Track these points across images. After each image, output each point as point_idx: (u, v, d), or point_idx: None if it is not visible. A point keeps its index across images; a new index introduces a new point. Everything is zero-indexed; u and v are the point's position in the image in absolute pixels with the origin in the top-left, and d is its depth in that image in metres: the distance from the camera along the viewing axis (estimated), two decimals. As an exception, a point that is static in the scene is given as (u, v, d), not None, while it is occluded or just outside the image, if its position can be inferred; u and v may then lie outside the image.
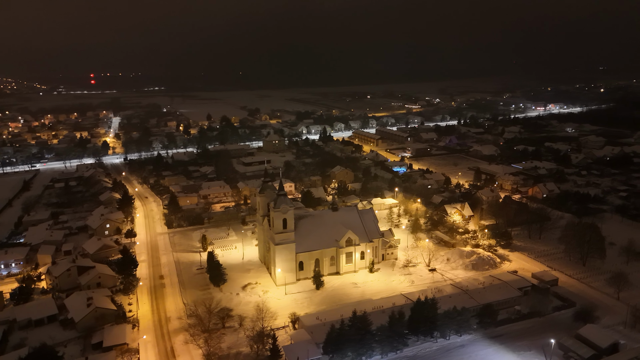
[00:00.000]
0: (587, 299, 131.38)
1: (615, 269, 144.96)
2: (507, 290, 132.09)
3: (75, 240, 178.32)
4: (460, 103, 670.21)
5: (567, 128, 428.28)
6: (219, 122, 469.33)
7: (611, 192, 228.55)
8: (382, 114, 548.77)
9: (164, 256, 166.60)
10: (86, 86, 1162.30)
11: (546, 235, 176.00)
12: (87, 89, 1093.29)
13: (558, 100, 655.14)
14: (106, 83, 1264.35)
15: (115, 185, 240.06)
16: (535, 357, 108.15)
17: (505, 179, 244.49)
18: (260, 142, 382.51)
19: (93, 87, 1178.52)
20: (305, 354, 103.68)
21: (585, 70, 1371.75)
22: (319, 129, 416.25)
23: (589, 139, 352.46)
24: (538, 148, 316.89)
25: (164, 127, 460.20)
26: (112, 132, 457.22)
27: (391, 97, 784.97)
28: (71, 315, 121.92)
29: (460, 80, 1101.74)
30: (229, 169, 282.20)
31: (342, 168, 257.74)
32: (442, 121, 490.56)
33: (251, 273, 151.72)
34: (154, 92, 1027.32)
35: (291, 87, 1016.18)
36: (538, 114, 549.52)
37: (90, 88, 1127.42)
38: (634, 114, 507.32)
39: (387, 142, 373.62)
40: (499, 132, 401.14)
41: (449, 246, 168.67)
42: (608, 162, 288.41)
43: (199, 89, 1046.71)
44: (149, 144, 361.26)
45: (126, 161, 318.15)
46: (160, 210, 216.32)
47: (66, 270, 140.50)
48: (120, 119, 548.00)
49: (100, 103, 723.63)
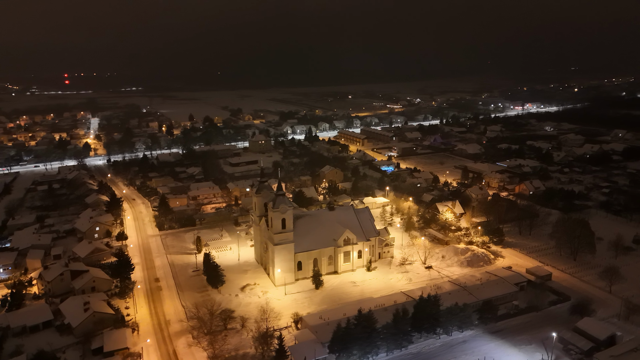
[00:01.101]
0: (581, 293, 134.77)
1: (605, 263, 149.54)
2: (504, 286, 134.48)
3: (64, 244, 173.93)
4: (441, 103, 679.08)
5: (546, 127, 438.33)
6: (202, 123, 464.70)
7: (594, 189, 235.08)
8: (365, 113, 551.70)
9: (157, 259, 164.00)
10: (60, 86, 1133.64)
11: (536, 231, 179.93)
12: (61, 89, 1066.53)
13: (535, 100, 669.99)
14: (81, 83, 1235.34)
15: (101, 187, 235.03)
16: (536, 351, 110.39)
17: (492, 177, 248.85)
18: (245, 142, 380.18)
19: (67, 87, 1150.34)
20: (312, 354, 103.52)
21: (557, 70, 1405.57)
22: (304, 129, 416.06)
23: (568, 137, 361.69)
24: (521, 146, 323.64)
25: (146, 128, 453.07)
26: (92, 133, 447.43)
27: (372, 97, 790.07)
28: (68, 321, 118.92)
29: (439, 80, 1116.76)
30: (217, 170, 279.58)
31: (331, 168, 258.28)
32: (424, 121, 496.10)
33: (249, 274, 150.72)
34: (131, 92, 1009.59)
35: (271, 87, 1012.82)
36: (517, 113, 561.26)
37: (65, 88, 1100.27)
38: (608, 112, 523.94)
39: (373, 141, 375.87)
40: (481, 131, 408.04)
41: (442, 244, 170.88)
42: (588, 160, 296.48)
43: (177, 89, 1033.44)
44: (131, 145, 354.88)
45: (109, 163, 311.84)
46: (149, 212, 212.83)
47: (59, 275, 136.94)
48: (99, 120, 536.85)
49: (76, 104, 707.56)
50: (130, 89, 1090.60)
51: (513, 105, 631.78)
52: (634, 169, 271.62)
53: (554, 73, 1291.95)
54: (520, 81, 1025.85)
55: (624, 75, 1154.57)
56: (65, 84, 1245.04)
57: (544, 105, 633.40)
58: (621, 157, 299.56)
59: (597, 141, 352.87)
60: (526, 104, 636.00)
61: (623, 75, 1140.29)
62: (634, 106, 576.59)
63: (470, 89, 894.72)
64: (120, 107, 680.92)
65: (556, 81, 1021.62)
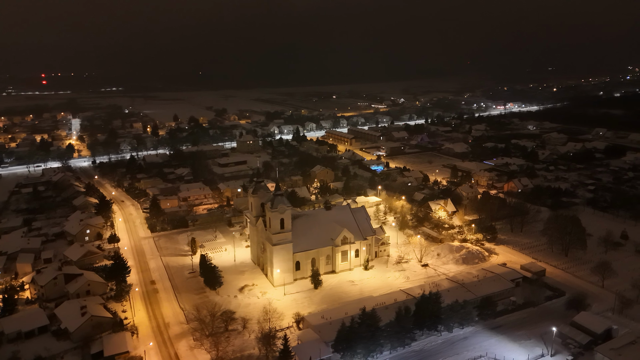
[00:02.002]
0: (575, 288, 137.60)
1: (595, 259, 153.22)
2: (500, 283, 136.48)
3: (54, 247, 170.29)
4: (425, 102, 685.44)
5: (528, 126, 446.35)
6: (188, 123, 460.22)
7: (579, 186, 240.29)
8: (350, 113, 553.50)
9: (151, 261, 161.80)
10: (37, 87, 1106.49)
11: (527, 228, 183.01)
12: (38, 89, 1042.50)
13: (516, 100, 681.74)
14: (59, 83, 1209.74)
15: (89, 189, 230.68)
16: (535, 345, 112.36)
17: (481, 175, 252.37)
18: (232, 142, 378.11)
19: (45, 87, 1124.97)
20: (317, 354, 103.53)
21: (535, 70, 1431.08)
22: (291, 129, 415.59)
23: (552, 135, 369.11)
24: (507, 145, 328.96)
25: (130, 129, 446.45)
26: (74, 134, 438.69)
27: (356, 97, 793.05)
28: (64, 325, 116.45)
29: (421, 80, 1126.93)
30: (206, 171, 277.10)
31: (322, 167, 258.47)
32: (409, 120, 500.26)
33: (246, 275, 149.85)
34: (111, 92, 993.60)
35: (255, 87, 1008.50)
36: (500, 113, 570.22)
37: (43, 89, 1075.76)
38: (588, 111, 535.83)
39: (361, 141, 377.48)
40: (467, 131, 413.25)
41: (436, 242, 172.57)
42: (572, 158, 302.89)
43: (159, 90, 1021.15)
44: (116, 146, 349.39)
45: (95, 164, 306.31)
46: (139, 214, 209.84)
47: (53, 279, 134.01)
48: (81, 121, 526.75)
49: (56, 104, 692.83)
50: (111, 89, 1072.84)
51: (495, 104, 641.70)
52: (616, 167, 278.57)
53: (532, 73, 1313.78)
54: (500, 81, 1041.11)
55: (600, 75, 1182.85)
56: (43, 84, 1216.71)
57: (525, 105, 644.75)
58: (603, 155, 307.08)
59: (579, 139, 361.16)
60: (508, 104, 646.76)
61: (599, 75, 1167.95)
62: (611, 105, 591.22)
63: (452, 89, 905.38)
64: (101, 107, 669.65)
65: (535, 81, 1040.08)
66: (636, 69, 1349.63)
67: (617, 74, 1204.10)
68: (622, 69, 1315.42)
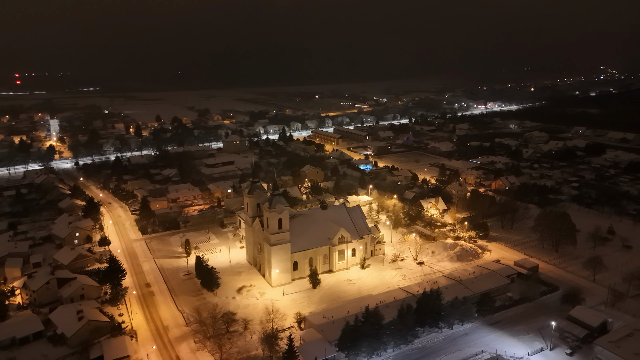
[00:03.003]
0: (567, 283, 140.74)
1: (585, 254, 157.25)
2: (496, 279, 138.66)
3: (42, 251, 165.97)
4: (407, 102, 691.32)
5: (510, 125, 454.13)
6: (171, 124, 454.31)
7: (564, 183, 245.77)
8: (335, 113, 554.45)
9: (145, 263, 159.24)
10: (11, 87, 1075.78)
11: (517, 225, 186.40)
12: (12, 89, 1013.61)
13: (496, 99, 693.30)
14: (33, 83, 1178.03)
15: (75, 191, 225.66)
16: (534, 340, 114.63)
17: (469, 173, 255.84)
18: (217, 142, 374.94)
19: (19, 87, 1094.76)
20: (322, 353, 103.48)
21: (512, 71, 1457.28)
22: (276, 129, 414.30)
23: (533, 134, 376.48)
24: (491, 144, 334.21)
25: (112, 130, 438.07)
26: (54, 135, 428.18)
27: (339, 97, 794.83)
28: (61, 331, 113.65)
29: (402, 80, 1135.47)
30: (193, 171, 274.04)
31: (311, 167, 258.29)
32: (394, 120, 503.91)
33: (242, 276, 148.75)
34: (89, 92, 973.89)
35: (236, 87, 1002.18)
36: (481, 112, 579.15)
37: (16, 89, 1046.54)
38: (566, 110, 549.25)
39: (347, 140, 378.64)
40: (451, 130, 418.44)
41: (429, 240, 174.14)
42: (554, 156, 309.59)
43: (138, 90, 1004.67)
44: (99, 147, 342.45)
45: (78, 166, 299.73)
46: (129, 216, 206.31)
47: (45, 283, 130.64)
48: (59, 121, 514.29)
49: (32, 105, 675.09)
50: (88, 89, 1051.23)
51: (476, 104, 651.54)
52: (597, 164, 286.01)
53: (508, 73, 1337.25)
54: (479, 81, 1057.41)
55: (574, 75, 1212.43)
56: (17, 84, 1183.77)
57: (505, 104, 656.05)
58: (584, 153, 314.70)
59: (560, 138, 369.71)
60: (489, 103, 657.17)
61: (574, 75, 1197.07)
62: (588, 104, 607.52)
63: (433, 89, 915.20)
64: (79, 108, 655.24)
65: (512, 81, 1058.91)
66: (608, 69, 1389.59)
67: (590, 74, 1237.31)
68: (595, 69, 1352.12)
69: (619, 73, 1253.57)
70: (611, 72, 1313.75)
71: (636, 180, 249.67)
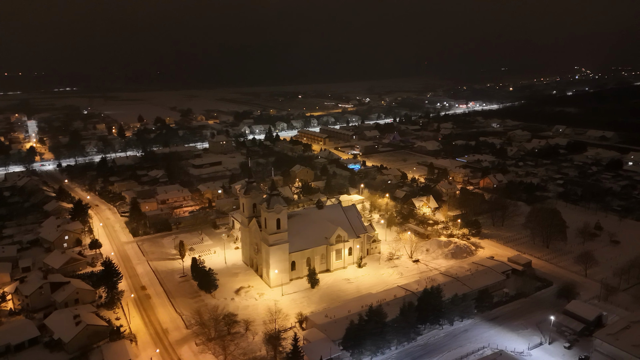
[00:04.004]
0: (560, 278, 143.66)
1: (575, 249, 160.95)
2: (492, 275, 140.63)
3: (30, 255, 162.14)
4: (390, 102, 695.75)
5: (492, 124, 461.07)
6: (154, 124, 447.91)
7: (549, 181, 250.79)
8: (319, 113, 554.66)
9: (138, 266, 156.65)
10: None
11: (508, 222, 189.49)
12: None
13: (476, 99, 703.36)
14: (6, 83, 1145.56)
15: (61, 193, 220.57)
16: (532, 334, 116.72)
17: (457, 172, 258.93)
18: (203, 143, 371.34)
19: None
20: (327, 352, 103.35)
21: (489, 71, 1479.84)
22: (262, 129, 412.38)
23: (516, 133, 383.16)
24: (477, 143, 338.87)
25: (94, 130, 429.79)
26: (33, 136, 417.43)
27: (322, 96, 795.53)
28: (58, 336, 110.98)
29: (383, 80, 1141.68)
30: (181, 172, 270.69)
31: (301, 167, 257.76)
32: (378, 119, 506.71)
33: (239, 277, 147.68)
34: (66, 92, 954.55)
35: (218, 87, 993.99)
36: (464, 111, 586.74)
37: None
38: (545, 109, 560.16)
39: (334, 140, 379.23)
40: (435, 129, 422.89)
41: (423, 237, 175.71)
42: (538, 154, 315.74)
43: (117, 90, 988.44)
44: (81, 148, 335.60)
45: (61, 167, 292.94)
46: (117, 218, 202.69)
47: (38, 288, 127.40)
48: (38, 122, 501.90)
49: (7, 105, 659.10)
50: (64, 89, 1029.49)
51: (458, 103, 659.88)
52: (579, 162, 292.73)
53: (486, 73, 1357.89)
54: (458, 81, 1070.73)
55: (550, 75, 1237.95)
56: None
57: (486, 104, 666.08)
58: (566, 151, 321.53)
59: (542, 136, 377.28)
60: (470, 103, 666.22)
61: (549, 75, 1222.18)
62: (565, 103, 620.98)
63: (414, 89, 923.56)
64: (57, 108, 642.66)
65: (490, 81, 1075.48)
66: (582, 68, 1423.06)
67: (566, 74, 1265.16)
68: (569, 69, 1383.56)
69: (592, 72, 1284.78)
70: (585, 71, 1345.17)
71: (618, 177, 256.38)
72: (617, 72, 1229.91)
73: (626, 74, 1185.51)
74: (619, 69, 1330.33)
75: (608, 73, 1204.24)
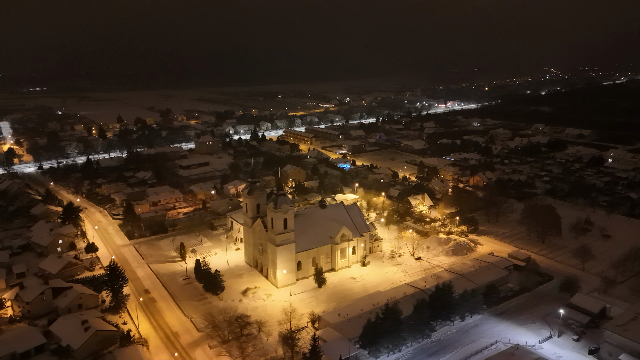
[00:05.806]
0: (559, 272, 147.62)
1: (570, 244, 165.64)
2: (496, 271, 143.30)
3: (23, 260, 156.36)
4: (370, 102, 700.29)
5: (473, 123, 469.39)
6: (134, 124, 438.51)
7: (535, 178, 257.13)
8: (301, 112, 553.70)
9: (138, 269, 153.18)
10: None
11: (502, 218, 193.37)
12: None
13: (454, 98, 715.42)
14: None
15: (47, 196, 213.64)
16: (541, 328, 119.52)
17: (446, 170, 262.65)
18: (188, 143, 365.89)
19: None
20: (346, 351, 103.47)
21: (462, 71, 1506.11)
22: (246, 129, 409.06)
23: (498, 131, 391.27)
24: (462, 141, 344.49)
25: (72, 131, 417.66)
26: (9, 138, 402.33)
27: (302, 96, 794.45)
28: (66, 343, 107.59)
29: (360, 80, 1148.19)
30: (169, 173, 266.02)
31: (293, 167, 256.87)
32: (361, 119, 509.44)
33: (244, 278, 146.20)
34: (36, 92, 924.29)
35: (193, 87, 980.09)
36: (443, 111, 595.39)
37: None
38: (520, 108, 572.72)
39: (320, 140, 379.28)
40: (419, 128, 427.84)
41: (422, 235, 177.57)
42: (521, 152, 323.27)
43: (88, 89, 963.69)
44: (61, 149, 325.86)
45: (42, 170, 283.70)
46: (110, 220, 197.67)
47: (40, 294, 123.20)
48: (11, 124, 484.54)
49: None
50: (34, 89, 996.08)
51: (437, 103, 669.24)
52: (561, 159, 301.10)
53: (459, 73, 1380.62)
54: (433, 81, 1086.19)
55: (522, 75, 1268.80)
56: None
57: (464, 103, 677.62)
58: (547, 149, 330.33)
59: (523, 135, 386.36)
60: (449, 102, 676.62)
61: (521, 76, 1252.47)
62: (539, 103, 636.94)
63: (392, 88, 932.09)
64: (29, 109, 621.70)
65: (464, 81, 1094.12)
66: (551, 69, 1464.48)
67: (536, 74, 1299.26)
68: (539, 70, 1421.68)
69: (562, 73, 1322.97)
70: (554, 72, 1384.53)
71: (599, 173, 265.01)
72: (585, 72, 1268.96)
73: (594, 74, 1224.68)
74: (586, 69, 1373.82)
75: (577, 73, 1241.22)
